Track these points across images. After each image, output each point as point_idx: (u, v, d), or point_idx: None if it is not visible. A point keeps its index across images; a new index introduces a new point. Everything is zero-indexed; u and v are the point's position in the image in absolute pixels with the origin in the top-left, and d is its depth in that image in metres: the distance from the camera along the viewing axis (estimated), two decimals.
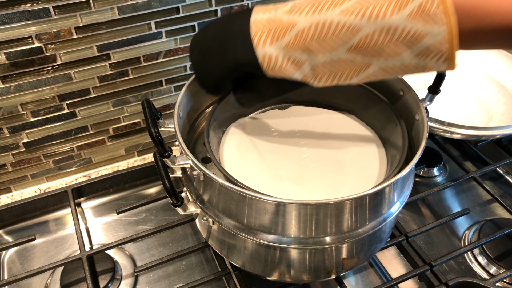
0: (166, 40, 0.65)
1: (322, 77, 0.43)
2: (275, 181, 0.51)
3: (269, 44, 0.42)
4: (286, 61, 0.42)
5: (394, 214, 0.49)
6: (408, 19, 0.37)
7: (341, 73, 0.42)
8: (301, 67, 0.43)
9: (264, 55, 0.42)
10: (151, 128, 0.42)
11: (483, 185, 0.67)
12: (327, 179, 0.52)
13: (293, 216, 0.44)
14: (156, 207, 0.71)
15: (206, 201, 0.48)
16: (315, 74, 0.43)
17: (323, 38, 0.40)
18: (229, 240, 0.50)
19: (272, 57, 0.42)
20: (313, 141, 0.57)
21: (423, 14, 0.36)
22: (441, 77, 0.50)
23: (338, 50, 0.40)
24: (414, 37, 0.37)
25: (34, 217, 0.70)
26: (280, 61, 0.42)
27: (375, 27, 0.38)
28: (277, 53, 0.42)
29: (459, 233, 0.67)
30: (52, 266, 0.57)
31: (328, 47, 0.40)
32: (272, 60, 0.42)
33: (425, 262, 0.58)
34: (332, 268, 0.50)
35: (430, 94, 0.51)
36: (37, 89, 0.62)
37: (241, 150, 0.55)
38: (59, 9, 0.56)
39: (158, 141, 0.42)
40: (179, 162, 0.45)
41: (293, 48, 0.41)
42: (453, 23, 0.36)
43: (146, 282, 0.61)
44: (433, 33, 0.36)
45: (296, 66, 0.43)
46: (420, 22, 0.36)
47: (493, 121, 0.74)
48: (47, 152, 0.70)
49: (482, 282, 0.55)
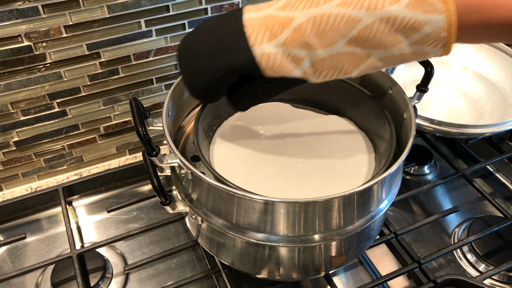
0: (156, 39, 0.65)
1: (322, 72, 0.42)
2: (264, 180, 0.52)
3: (266, 42, 0.40)
4: (285, 58, 0.41)
5: (383, 211, 0.49)
6: (407, 8, 0.36)
7: (340, 67, 0.41)
8: (301, 64, 0.41)
9: (262, 54, 0.41)
10: (138, 127, 0.42)
11: (472, 183, 0.68)
12: (315, 178, 0.52)
13: (282, 214, 0.44)
14: (148, 205, 0.71)
15: (194, 200, 0.48)
16: (315, 70, 0.42)
17: (322, 32, 0.39)
18: (218, 238, 0.50)
19: (271, 55, 0.40)
20: (302, 139, 0.57)
21: (422, 2, 0.36)
22: (429, 76, 0.50)
23: (338, 43, 0.39)
24: (413, 26, 0.37)
25: (26, 216, 0.70)
26: (279, 59, 0.41)
27: (375, 17, 0.37)
28: (276, 50, 0.40)
29: (449, 230, 0.67)
30: (42, 265, 0.58)
31: (328, 41, 0.39)
32: (270, 59, 0.41)
33: (413, 260, 0.58)
34: (321, 266, 0.50)
35: (419, 92, 0.52)
36: (27, 87, 0.62)
37: (231, 149, 0.55)
38: (48, 7, 0.56)
39: (145, 140, 0.42)
40: (167, 161, 0.45)
41: (291, 44, 0.40)
42: (452, 10, 0.36)
43: (137, 280, 0.61)
44: (433, 21, 0.36)
45: (295, 63, 0.41)
46: (420, 10, 0.36)
47: (483, 119, 0.74)
48: (38, 150, 0.70)
49: (470, 280, 0.56)
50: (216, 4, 0.65)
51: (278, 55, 0.41)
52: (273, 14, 0.40)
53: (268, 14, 0.41)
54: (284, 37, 0.40)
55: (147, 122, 0.50)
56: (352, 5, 0.38)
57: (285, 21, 0.40)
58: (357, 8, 0.38)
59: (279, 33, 0.40)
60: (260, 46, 0.40)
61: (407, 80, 0.79)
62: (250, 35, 0.41)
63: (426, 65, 0.50)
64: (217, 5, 0.65)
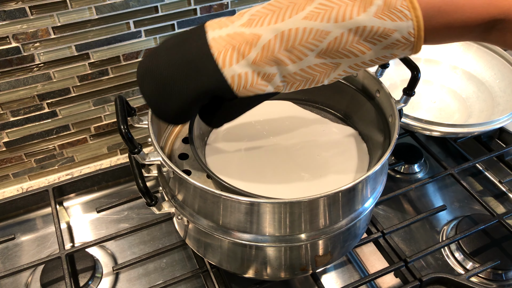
0: (145, 39, 0.65)
1: (294, 84, 0.42)
2: (258, 179, 0.52)
3: (235, 63, 0.39)
4: (256, 77, 0.40)
5: (368, 209, 0.50)
6: (375, 16, 0.36)
7: (312, 78, 0.41)
8: (273, 80, 0.41)
9: (233, 76, 0.39)
10: (120, 125, 0.42)
11: (460, 182, 0.68)
12: (308, 176, 0.52)
13: (267, 215, 0.44)
14: (139, 205, 0.71)
15: (180, 201, 0.48)
16: (287, 83, 0.42)
17: (291, 47, 0.38)
18: (205, 239, 0.51)
19: (242, 76, 0.39)
20: (297, 138, 0.57)
21: (390, 10, 0.36)
22: (415, 79, 0.50)
23: (308, 57, 0.39)
24: (383, 34, 0.37)
25: (17, 216, 0.71)
26: (251, 78, 0.40)
27: (343, 29, 0.37)
28: (246, 70, 0.39)
29: (438, 229, 0.68)
30: (31, 265, 0.58)
31: (298, 55, 0.39)
32: (242, 79, 0.40)
33: (400, 258, 0.58)
34: (306, 265, 0.51)
35: (405, 96, 0.52)
36: (16, 88, 0.62)
37: (226, 147, 0.56)
38: (35, 9, 0.56)
39: (127, 137, 0.42)
40: (150, 159, 0.45)
41: (261, 62, 0.39)
42: (419, 17, 0.36)
43: (126, 280, 0.62)
44: (401, 28, 0.36)
45: (267, 80, 0.40)
46: (388, 18, 0.36)
47: (472, 118, 0.74)
48: (28, 151, 0.70)
49: (455, 277, 0.56)
50: (205, 5, 0.66)
51: (249, 75, 0.40)
52: (238, 32, 0.39)
53: (233, 33, 0.39)
54: (253, 56, 0.39)
55: (132, 120, 0.51)
56: (320, 17, 0.37)
57: (252, 39, 0.39)
58: (325, 20, 0.37)
59: (248, 52, 0.39)
60: (230, 68, 0.39)
61: (397, 79, 0.79)
62: (218, 56, 0.39)
63: (413, 68, 0.50)
64: (206, 5, 0.66)
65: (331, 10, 0.37)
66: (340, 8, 0.37)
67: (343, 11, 0.37)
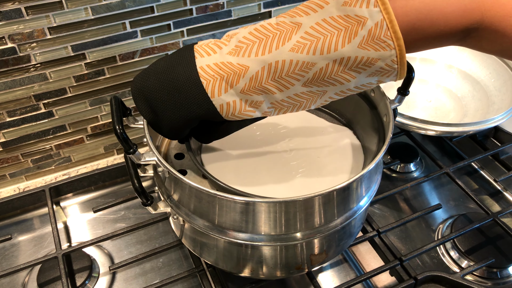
0: (141, 39, 0.66)
1: (281, 110, 0.44)
2: (255, 179, 0.52)
3: (224, 92, 0.41)
4: (244, 104, 0.42)
5: (363, 208, 0.50)
6: (359, 47, 0.37)
7: (299, 104, 0.43)
8: (260, 106, 0.43)
9: (222, 104, 0.42)
10: (115, 125, 0.42)
11: (455, 180, 0.69)
12: (303, 176, 0.52)
13: (263, 214, 0.45)
14: (135, 205, 0.71)
15: (176, 200, 0.49)
16: (275, 109, 0.44)
17: (278, 78, 0.40)
18: (201, 238, 0.51)
19: (230, 104, 0.42)
20: (292, 138, 0.57)
21: (373, 41, 0.37)
22: (409, 79, 0.51)
23: (294, 87, 0.41)
24: (366, 63, 0.38)
25: (14, 216, 0.71)
26: (239, 106, 0.42)
27: (328, 60, 0.38)
28: (234, 99, 0.42)
29: (434, 227, 0.68)
30: (28, 265, 0.58)
31: (285, 85, 0.41)
32: (230, 107, 0.42)
33: (395, 257, 0.59)
34: (302, 264, 0.51)
35: (400, 95, 0.52)
36: (12, 89, 0.62)
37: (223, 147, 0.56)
38: (31, 9, 0.57)
39: (122, 137, 0.42)
40: (145, 159, 0.45)
41: (249, 92, 0.41)
42: (401, 46, 0.37)
43: (123, 280, 0.62)
44: (384, 56, 0.37)
45: (254, 107, 0.43)
46: (371, 49, 0.37)
47: (467, 117, 0.75)
48: (25, 151, 0.70)
49: (450, 276, 0.57)
50: (201, 5, 0.66)
51: (237, 103, 0.42)
52: (227, 61, 0.41)
53: (221, 61, 0.41)
54: (241, 86, 0.41)
55: (128, 120, 0.51)
56: (306, 49, 0.38)
57: (240, 70, 0.40)
58: (311, 53, 0.38)
59: (236, 83, 0.41)
60: (219, 97, 0.42)
61: None
62: (207, 85, 0.41)
63: (408, 69, 0.50)
64: (202, 5, 0.66)
65: (316, 42, 0.38)
66: (325, 40, 0.38)
67: (328, 43, 0.38)
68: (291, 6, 0.72)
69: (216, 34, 0.70)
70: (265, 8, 0.71)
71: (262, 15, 0.71)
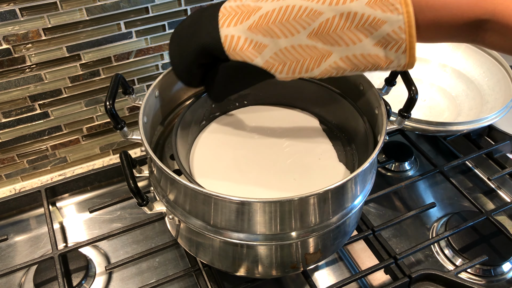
0: (136, 40, 0.66)
1: (284, 66, 0.43)
2: (243, 180, 0.52)
3: (233, 26, 0.43)
4: (247, 43, 0.43)
5: (357, 207, 0.50)
6: (367, 5, 0.38)
7: (302, 61, 0.43)
8: (262, 52, 0.43)
9: (226, 36, 0.43)
10: (106, 101, 0.45)
11: (450, 179, 0.69)
12: (293, 177, 0.53)
13: (258, 214, 0.45)
14: (131, 205, 0.72)
15: (172, 200, 0.49)
16: (277, 61, 0.43)
17: (285, 21, 0.41)
18: (197, 238, 0.51)
19: (234, 37, 0.43)
20: (285, 139, 0.58)
21: (382, 2, 0.37)
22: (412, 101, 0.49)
23: (299, 34, 0.41)
24: (372, 24, 0.38)
25: (10, 217, 0.71)
26: (242, 43, 0.43)
27: (335, 12, 0.39)
28: (239, 34, 0.43)
29: (429, 226, 0.68)
30: (24, 265, 0.58)
31: (290, 30, 0.41)
32: (233, 41, 0.43)
33: (390, 255, 0.59)
34: (297, 263, 0.51)
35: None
36: (8, 90, 0.62)
37: (213, 148, 0.56)
38: (26, 10, 0.57)
39: (110, 113, 0.45)
40: (132, 136, 0.49)
41: (255, 30, 0.42)
42: (410, 12, 0.37)
43: (119, 279, 0.62)
44: (391, 20, 0.38)
45: (257, 50, 0.43)
46: (379, 9, 0.38)
47: (461, 116, 0.75)
48: (20, 152, 0.70)
49: (444, 274, 0.57)
50: (195, 5, 0.66)
51: (241, 39, 0.43)
52: (246, 4, 0.43)
53: (242, 4, 0.44)
54: (249, 23, 0.42)
55: (130, 98, 0.54)
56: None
57: (254, 9, 0.42)
58: (320, 2, 0.39)
59: (246, 19, 0.42)
60: (226, 28, 0.43)
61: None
62: (221, 18, 0.44)
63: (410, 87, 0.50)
64: (197, 6, 0.66)
65: None
66: None
67: None
68: None
69: None
70: None
71: None
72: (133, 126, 0.75)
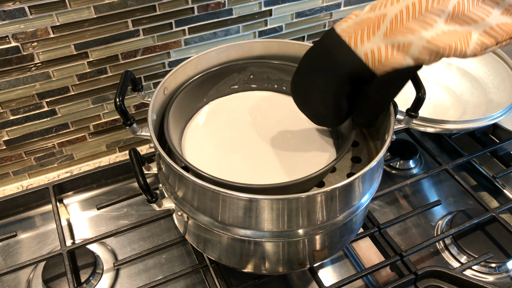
0: (143, 38, 0.66)
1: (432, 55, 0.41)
2: (234, 167, 0.53)
3: (366, 41, 0.41)
4: (390, 50, 0.41)
5: (364, 205, 0.50)
6: None
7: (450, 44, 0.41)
8: (409, 50, 0.41)
9: (366, 53, 0.41)
10: (116, 97, 0.45)
11: (455, 177, 0.69)
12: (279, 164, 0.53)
13: (266, 210, 0.45)
14: (138, 202, 0.72)
15: (180, 197, 0.49)
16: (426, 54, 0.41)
17: (418, 16, 0.39)
18: (205, 235, 0.52)
19: (375, 50, 0.41)
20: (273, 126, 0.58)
21: None
22: (419, 100, 0.50)
23: (437, 23, 0.40)
24: None
25: (18, 213, 0.71)
26: (384, 52, 0.41)
27: None
28: (378, 45, 0.41)
29: (433, 223, 0.69)
30: (33, 262, 0.59)
31: (428, 22, 0.40)
32: (375, 54, 0.41)
33: (396, 252, 0.60)
34: (304, 260, 0.52)
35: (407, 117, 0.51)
36: (16, 87, 0.63)
37: (202, 138, 0.57)
38: (35, 8, 0.57)
39: (120, 109, 0.45)
40: (141, 133, 0.48)
41: (393, 34, 0.40)
42: None
43: (127, 276, 0.63)
44: None
45: (403, 51, 0.41)
46: None
47: (466, 114, 0.76)
48: (28, 149, 0.71)
49: (450, 271, 0.58)
50: (202, 4, 0.66)
51: (382, 49, 0.41)
52: (364, 18, 0.42)
53: (359, 20, 0.42)
54: (383, 31, 0.41)
55: (140, 95, 0.54)
56: None
57: (379, 18, 0.41)
58: None
59: (378, 29, 0.41)
60: (361, 46, 0.41)
61: None
62: (349, 41, 0.42)
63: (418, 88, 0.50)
64: (203, 4, 0.66)
65: None
66: None
67: None
68: (292, 5, 0.73)
69: (218, 33, 0.71)
70: (265, 7, 0.71)
71: (263, 14, 0.72)
72: (139, 124, 0.75)
